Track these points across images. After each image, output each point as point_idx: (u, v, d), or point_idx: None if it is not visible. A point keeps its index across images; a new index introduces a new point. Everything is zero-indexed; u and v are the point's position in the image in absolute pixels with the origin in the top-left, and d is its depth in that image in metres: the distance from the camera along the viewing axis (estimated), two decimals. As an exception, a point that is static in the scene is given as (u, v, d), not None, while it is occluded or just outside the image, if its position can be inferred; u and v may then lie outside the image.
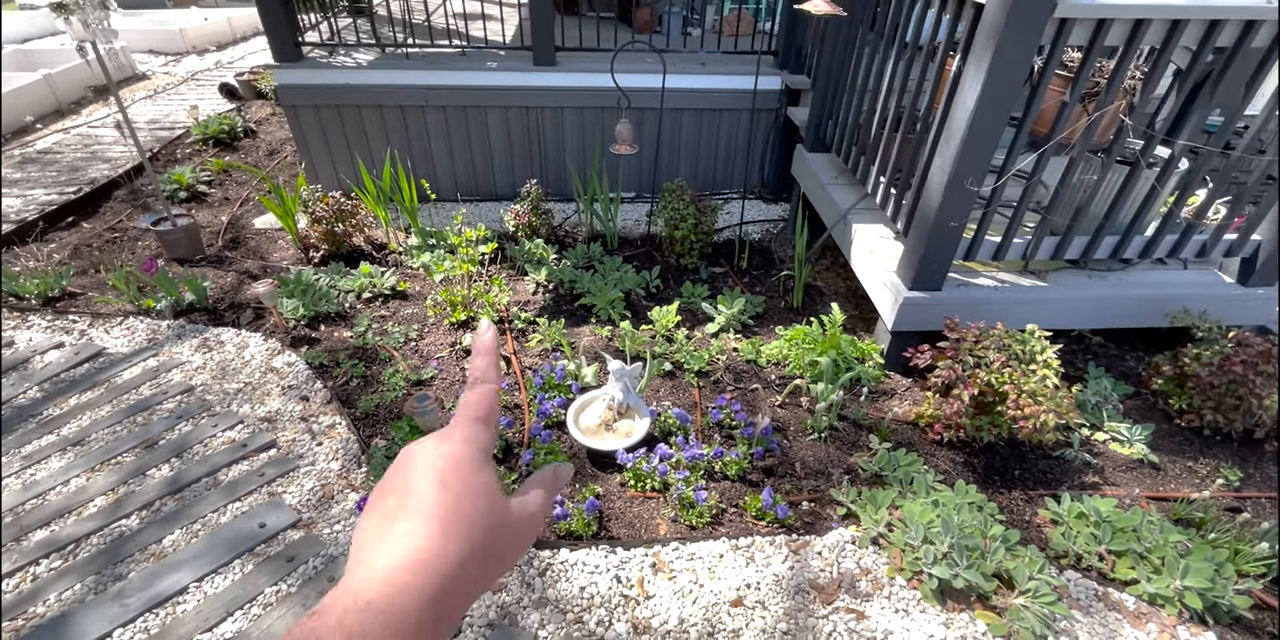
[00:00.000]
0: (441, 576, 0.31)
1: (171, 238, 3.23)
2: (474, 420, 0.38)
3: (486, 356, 0.41)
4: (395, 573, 0.30)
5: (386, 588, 0.29)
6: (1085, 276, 2.57)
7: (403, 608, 0.29)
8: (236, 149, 4.73)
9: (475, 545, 0.33)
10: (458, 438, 0.37)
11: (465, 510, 0.33)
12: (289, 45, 3.37)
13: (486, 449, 0.37)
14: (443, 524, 0.32)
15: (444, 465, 0.35)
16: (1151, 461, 2.26)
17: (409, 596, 0.29)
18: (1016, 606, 1.67)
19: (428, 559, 0.31)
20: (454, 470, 0.35)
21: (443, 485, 0.34)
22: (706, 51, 3.84)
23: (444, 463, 0.35)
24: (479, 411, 0.39)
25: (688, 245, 3.25)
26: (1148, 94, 2.15)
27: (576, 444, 2.13)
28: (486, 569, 0.33)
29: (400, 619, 0.29)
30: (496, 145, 3.72)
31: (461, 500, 0.33)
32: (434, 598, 0.30)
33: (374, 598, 0.29)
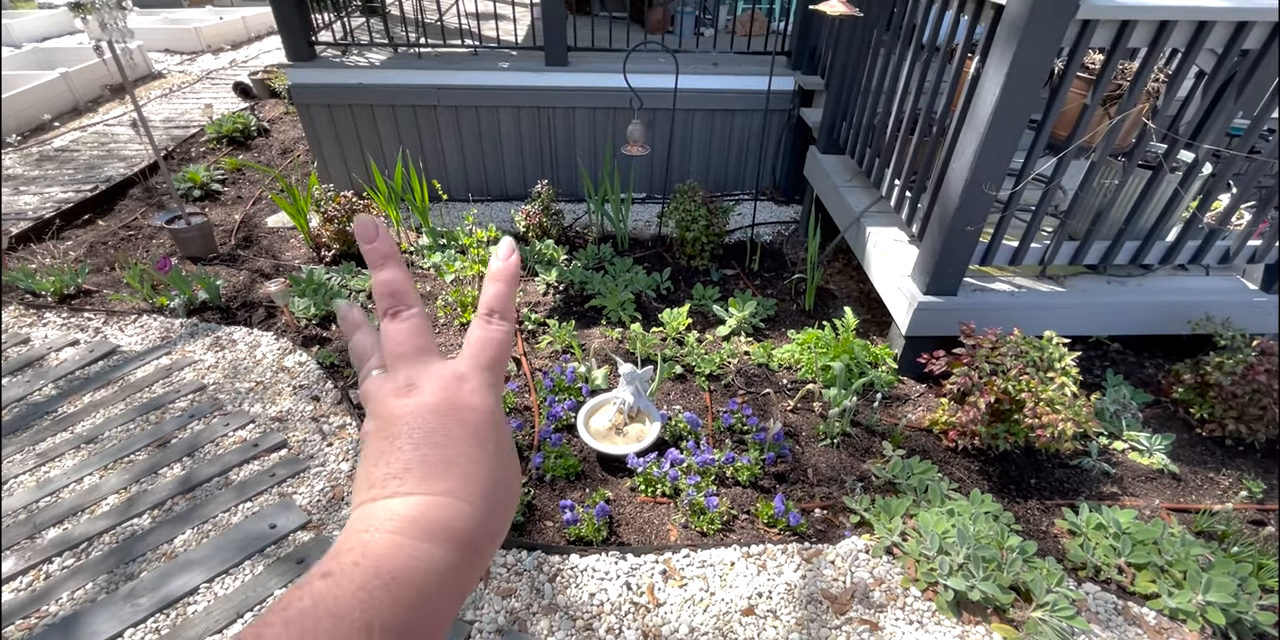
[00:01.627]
0: (475, 551, 0.30)
1: (185, 236, 3.25)
2: (488, 367, 0.35)
3: (507, 284, 0.37)
4: (426, 538, 0.29)
5: (412, 559, 0.28)
6: (1104, 282, 2.52)
7: (425, 577, 0.28)
8: (250, 148, 4.75)
9: (507, 515, 0.32)
10: (483, 387, 0.34)
11: (503, 478, 0.33)
12: (302, 44, 3.37)
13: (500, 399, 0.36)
14: (485, 494, 0.31)
15: (484, 427, 0.33)
16: (1172, 472, 2.21)
17: (435, 566, 0.28)
18: (1034, 620, 1.63)
19: (465, 528, 0.30)
20: (489, 429, 0.33)
21: (481, 446, 0.32)
22: (719, 52, 3.81)
23: (482, 423, 0.33)
24: (496, 355, 0.36)
25: (699, 247, 3.23)
26: (1171, 97, 2.11)
27: (586, 447, 2.12)
28: (498, 539, 0.32)
29: (417, 593, 0.27)
30: (508, 145, 3.71)
31: (500, 467, 0.33)
32: (458, 567, 0.29)
33: (397, 571, 0.27)
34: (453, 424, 0.32)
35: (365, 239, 0.36)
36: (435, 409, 0.33)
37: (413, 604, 0.27)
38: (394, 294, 0.36)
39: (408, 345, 0.35)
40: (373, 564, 0.27)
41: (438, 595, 0.28)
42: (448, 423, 0.32)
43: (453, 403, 0.33)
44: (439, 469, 0.31)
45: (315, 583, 0.26)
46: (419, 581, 0.27)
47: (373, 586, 0.26)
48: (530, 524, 1.92)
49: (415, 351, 0.35)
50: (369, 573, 0.27)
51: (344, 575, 0.27)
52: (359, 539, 0.28)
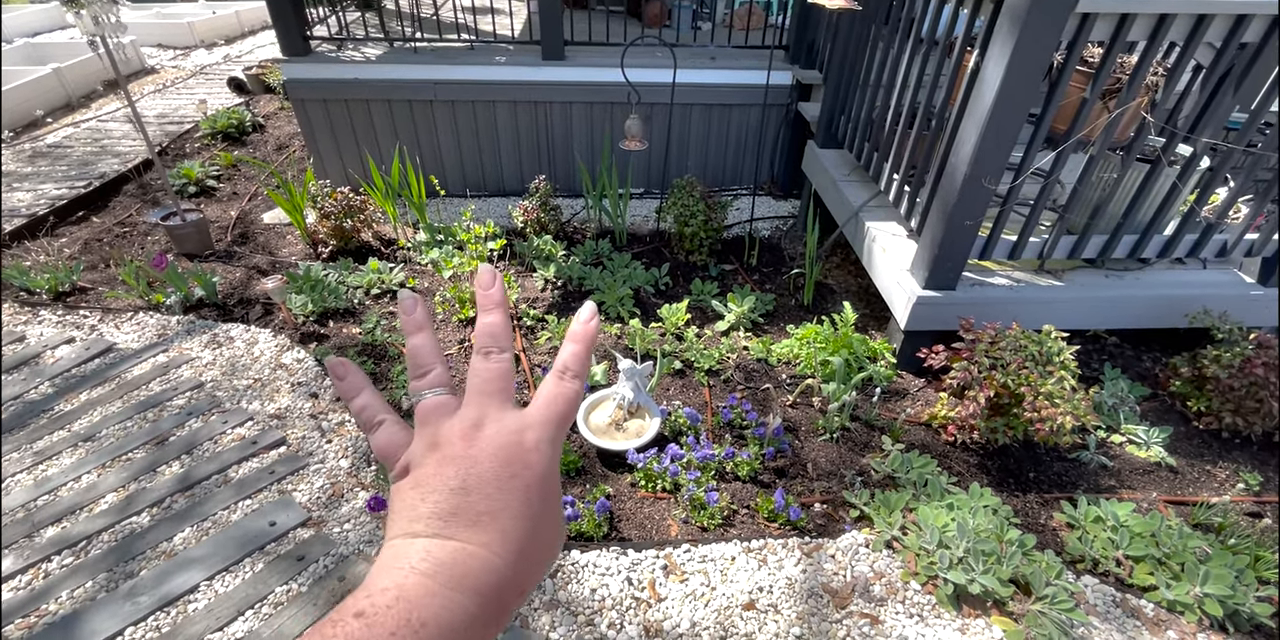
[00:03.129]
0: (503, 605, 0.30)
1: (181, 233, 3.23)
2: (555, 423, 0.36)
3: (585, 346, 0.38)
4: (458, 588, 0.29)
5: (444, 609, 0.29)
6: (1102, 276, 2.53)
7: (453, 627, 0.28)
8: (245, 143, 4.72)
9: (538, 572, 0.33)
10: (545, 442, 0.35)
11: (543, 537, 0.33)
12: (297, 39, 3.35)
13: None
14: (521, 551, 0.32)
15: (535, 484, 0.34)
16: (1169, 465, 2.22)
17: (463, 617, 0.29)
18: (1034, 612, 1.64)
19: (496, 583, 0.30)
20: (539, 486, 0.34)
21: (527, 503, 0.33)
22: (717, 46, 3.80)
23: (534, 480, 0.34)
24: (565, 411, 0.37)
25: (697, 242, 3.22)
26: (1170, 91, 2.10)
27: (587, 443, 2.12)
28: (525, 594, 0.33)
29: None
30: (505, 140, 3.70)
31: (541, 526, 0.33)
32: (483, 621, 0.30)
33: (428, 618, 0.28)
34: (506, 476, 0.33)
35: (484, 286, 0.38)
36: (494, 457, 0.33)
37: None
38: (494, 336, 0.38)
39: (492, 386, 0.37)
40: (406, 609, 0.28)
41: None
42: (502, 474, 0.33)
43: (511, 455, 0.34)
44: (483, 519, 0.31)
45: (350, 622, 0.27)
46: (446, 632, 0.28)
47: (404, 633, 0.27)
48: (531, 520, 1.91)
49: (497, 393, 0.36)
50: (402, 618, 0.27)
51: (378, 617, 0.27)
52: (394, 579, 0.29)
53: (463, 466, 0.33)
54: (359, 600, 0.28)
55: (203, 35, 7.68)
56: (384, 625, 0.27)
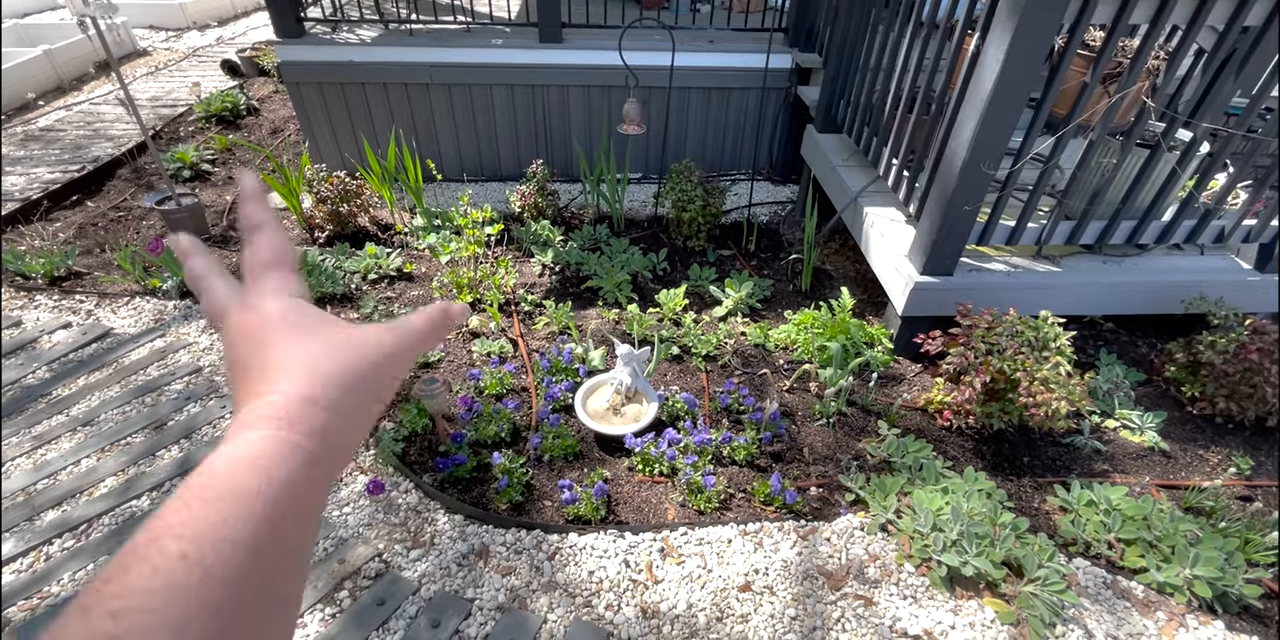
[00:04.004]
0: (309, 424, 0.31)
1: (176, 217, 3.21)
2: (269, 265, 0.38)
3: (256, 200, 0.40)
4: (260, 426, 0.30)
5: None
6: (1100, 262, 2.53)
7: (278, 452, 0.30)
8: (240, 127, 4.67)
9: (333, 378, 0.33)
10: (269, 290, 0.37)
11: (317, 349, 0.34)
12: (291, 20, 3.29)
13: (298, 293, 0.38)
14: (270, 369, 0.33)
15: (278, 317, 0.35)
16: (1162, 449, 2.24)
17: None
18: (1026, 594, 1.67)
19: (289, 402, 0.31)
20: (297, 311, 0.36)
21: (289, 331, 0.35)
22: (715, 28, 3.75)
23: (278, 315, 0.35)
24: (275, 255, 0.38)
25: (695, 227, 3.21)
26: (1171, 75, 2.09)
27: (584, 428, 2.13)
28: (357, 402, 0.33)
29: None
30: (502, 124, 3.66)
31: (313, 340, 0.34)
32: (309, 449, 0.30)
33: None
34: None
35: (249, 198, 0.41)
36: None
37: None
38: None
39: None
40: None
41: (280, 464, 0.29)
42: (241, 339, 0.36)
43: (241, 324, 0.36)
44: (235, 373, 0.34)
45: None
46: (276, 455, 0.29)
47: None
48: (529, 503, 1.93)
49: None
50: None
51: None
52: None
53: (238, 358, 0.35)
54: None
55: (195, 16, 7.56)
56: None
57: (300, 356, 0.33)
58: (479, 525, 1.84)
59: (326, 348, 0.34)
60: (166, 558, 0.24)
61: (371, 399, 0.34)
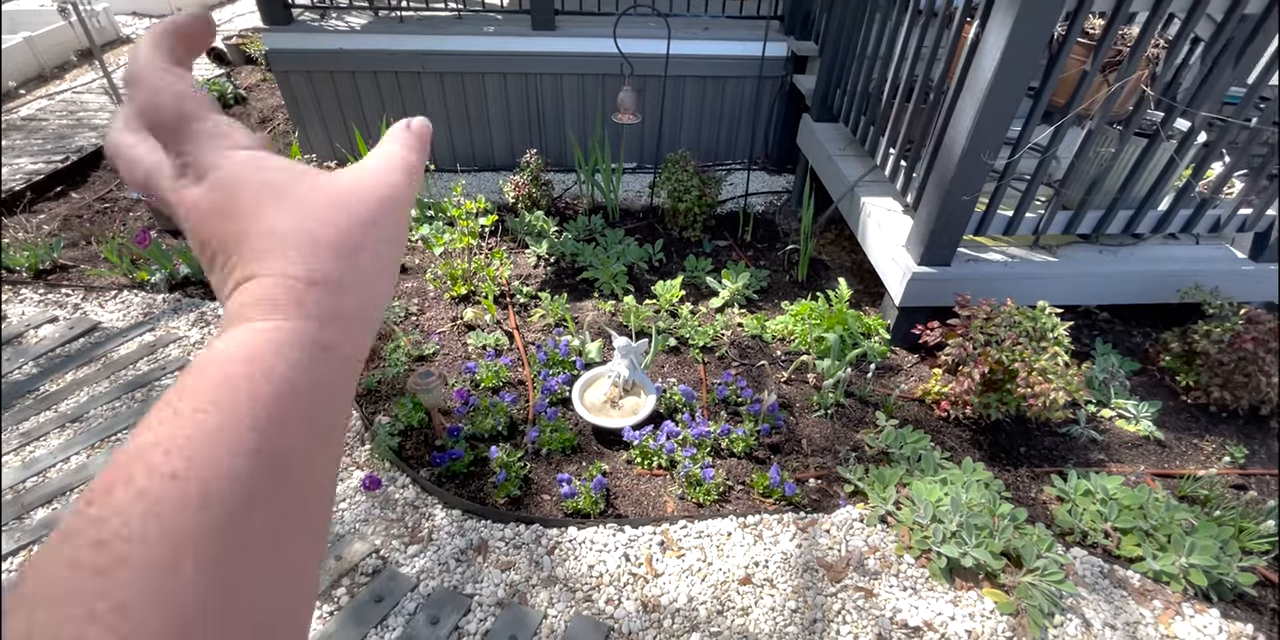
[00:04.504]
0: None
1: (164, 208, 3.14)
2: (184, 117, 0.29)
3: (146, 43, 0.30)
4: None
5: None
6: (1096, 252, 2.52)
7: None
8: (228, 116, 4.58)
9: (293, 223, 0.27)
10: (209, 147, 0.29)
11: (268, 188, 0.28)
12: (278, 7, 3.22)
13: (246, 141, 0.30)
14: (249, 240, 0.27)
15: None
16: (1157, 438, 2.25)
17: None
18: (1025, 584, 1.67)
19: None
20: (256, 167, 0.29)
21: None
22: (710, 16, 3.70)
23: (239, 178, 0.28)
24: (176, 100, 0.29)
25: (691, 218, 3.19)
26: (1170, 63, 2.07)
27: (582, 421, 2.11)
28: (362, 270, 0.28)
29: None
30: (494, 113, 3.61)
31: (290, 202, 0.28)
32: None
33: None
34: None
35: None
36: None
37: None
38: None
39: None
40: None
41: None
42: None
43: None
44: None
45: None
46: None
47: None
48: (527, 497, 1.92)
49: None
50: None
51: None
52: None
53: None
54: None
55: (179, 3, 7.40)
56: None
57: (282, 226, 0.27)
58: (477, 520, 1.83)
59: (310, 210, 0.28)
60: (154, 477, 0.21)
61: (379, 259, 0.29)
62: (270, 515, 0.22)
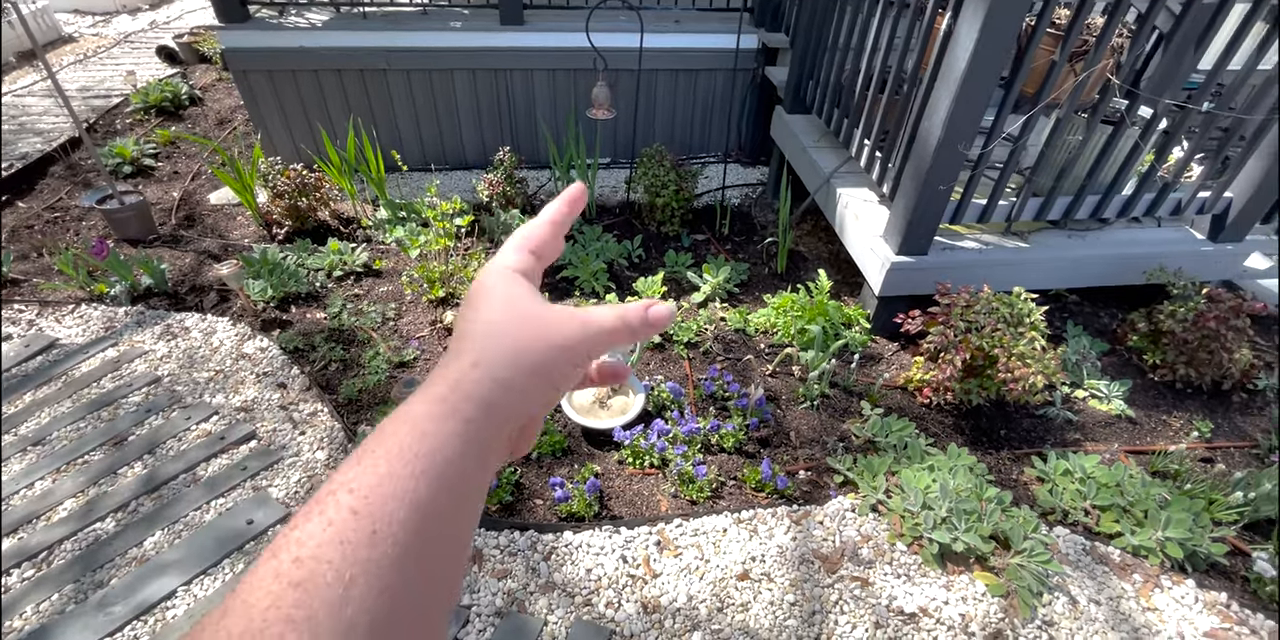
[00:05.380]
0: (464, 394, 0.31)
1: (120, 216, 3.01)
2: (519, 245, 0.39)
3: (562, 203, 0.41)
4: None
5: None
6: (1065, 236, 2.58)
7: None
8: (183, 118, 4.41)
9: (491, 353, 0.33)
10: (501, 261, 0.38)
11: (481, 326, 0.34)
12: (234, 4, 3.10)
13: (532, 271, 0.38)
14: (459, 338, 0.34)
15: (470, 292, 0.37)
16: (1129, 416, 2.33)
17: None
18: (1014, 566, 1.72)
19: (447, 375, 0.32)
20: (507, 284, 0.36)
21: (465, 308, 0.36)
22: (681, 9, 3.67)
23: (489, 285, 0.37)
24: (528, 237, 0.39)
25: (669, 212, 3.17)
26: (1135, 52, 2.12)
27: (571, 423, 2.10)
28: (528, 382, 0.33)
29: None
30: (465, 110, 3.53)
31: (504, 313, 0.35)
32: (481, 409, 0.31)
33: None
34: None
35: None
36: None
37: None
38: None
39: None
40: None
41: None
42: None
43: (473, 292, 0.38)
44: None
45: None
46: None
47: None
48: (520, 503, 1.90)
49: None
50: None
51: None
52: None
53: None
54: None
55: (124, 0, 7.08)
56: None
57: (486, 328, 0.34)
58: (470, 528, 1.80)
59: (514, 323, 0.34)
60: (340, 510, 0.26)
61: (545, 382, 0.34)
62: (422, 550, 0.27)
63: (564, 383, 0.35)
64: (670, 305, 0.38)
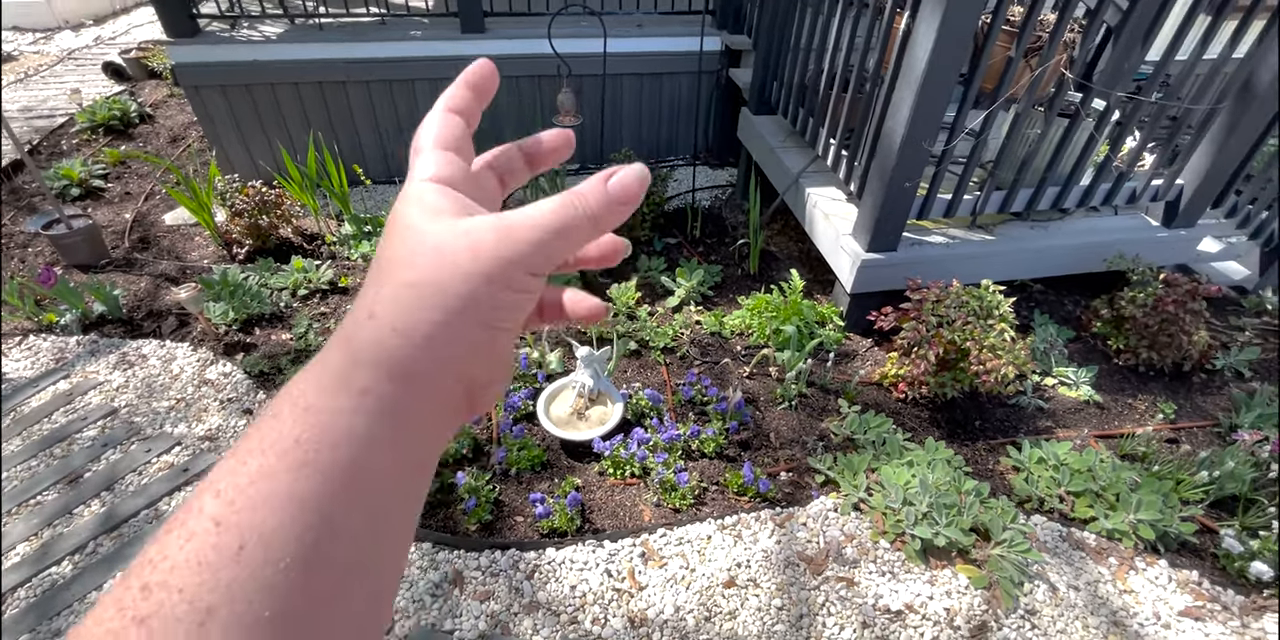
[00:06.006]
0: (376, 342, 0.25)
1: (68, 242, 2.90)
2: (421, 148, 0.31)
3: (458, 85, 0.33)
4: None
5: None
6: (1028, 228, 2.64)
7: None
8: (132, 137, 4.26)
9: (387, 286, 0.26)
10: (415, 176, 0.29)
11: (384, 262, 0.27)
12: (182, 18, 3.00)
13: (450, 173, 0.29)
14: (364, 286, 0.27)
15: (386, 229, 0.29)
16: (1096, 401, 2.38)
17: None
18: (995, 557, 1.73)
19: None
20: (419, 202, 0.28)
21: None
22: (643, 12, 3.67)
23: (401, 207, 0.28)
24: (438, 131, 0.31)
25: (640, 217, 3.16)
26: (1086, 47, 2.17)
27: (549, 436, 2.06)
28: (441, 324, 0.25)
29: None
30: (427, 122, 3.48)
31: (382, 255, 0.27)
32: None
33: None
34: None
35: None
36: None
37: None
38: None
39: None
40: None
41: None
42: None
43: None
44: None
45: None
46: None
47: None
48: (500, 521, 1.86)
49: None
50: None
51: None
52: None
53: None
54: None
55: (66, 15, 6.83)
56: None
57: (386, 266, 0.26)
58: (449, 551, 1.76)
59: (418, 252, 0.26)
60: (201, 520, 0.21)
61: (472, 323, 0.25)
62: (314, 564, 0.21)
63: (500, 318, 0.26)
64: (639, 167, 0.28)
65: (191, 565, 0.20)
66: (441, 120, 0.31)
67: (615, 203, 0.27)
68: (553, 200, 0.26)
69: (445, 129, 0.31)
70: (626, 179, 0.27)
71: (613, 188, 0.27)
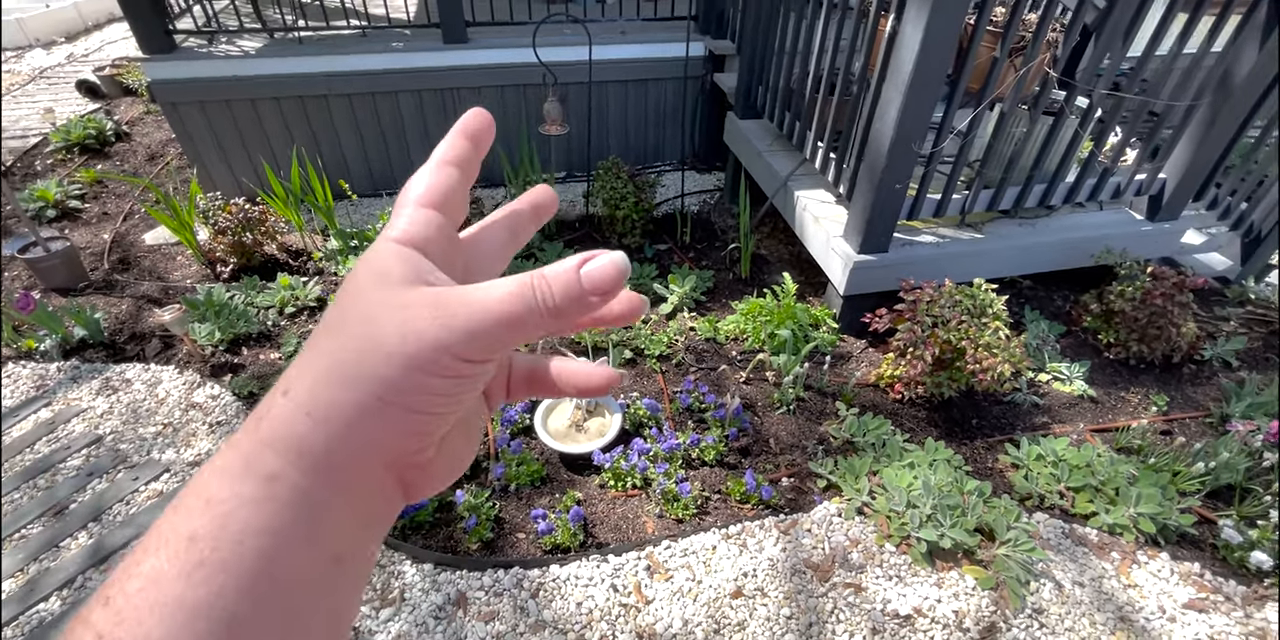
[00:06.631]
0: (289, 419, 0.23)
1: (45, 265, 2.83)
2: (403, 204, 0.28)
3: (453, 136, 0.31)
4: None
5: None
6: (1017, 225, 2.66)
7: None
8: (109, 156, 4.19)
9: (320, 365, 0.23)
10: (383, 235, 0.27)
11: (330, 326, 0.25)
12: (158, 34, 2.95)
13: (425, 235, 0.27)
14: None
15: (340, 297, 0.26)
16: (1090, 396, 2.39)
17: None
18: (1000, 557, 1.73)
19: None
20: (373, 269, 0.25)
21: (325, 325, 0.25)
22: (626, 19, 3.66)
23: (352, 277, 0.26)
24: (420, 190, 0.29)
25: (629, 224, 3.15)
26: (1069, 46, 2.19)
27: (548, 450, 2.04)
28: (359, 408, 0.23)
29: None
30: (413, 133, 3.45)
31: (347, 309, 0.25)
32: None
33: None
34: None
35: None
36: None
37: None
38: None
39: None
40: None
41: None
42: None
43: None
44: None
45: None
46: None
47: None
48: (501, 539, 1.83)
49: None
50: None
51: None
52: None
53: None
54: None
55: (37, 33, 6.72)
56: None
57: (317, 338, 0.24)
58: (451, 571, 1.72)
59: (350, 324, 0.23)
60: (86, 633, 0.20)
61: (398, 409, 0.22)
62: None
63: (432, 404, 0.23)
64: (618, 256, 0.24)
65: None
66: (434, 173, 0.29)
67: (586, 295, 0.23)
68: (511, 281, 0.24)
69: (436, 183, 0.29)
70: (603, 270, 0.23)
71: (586, 278, 0.23)
